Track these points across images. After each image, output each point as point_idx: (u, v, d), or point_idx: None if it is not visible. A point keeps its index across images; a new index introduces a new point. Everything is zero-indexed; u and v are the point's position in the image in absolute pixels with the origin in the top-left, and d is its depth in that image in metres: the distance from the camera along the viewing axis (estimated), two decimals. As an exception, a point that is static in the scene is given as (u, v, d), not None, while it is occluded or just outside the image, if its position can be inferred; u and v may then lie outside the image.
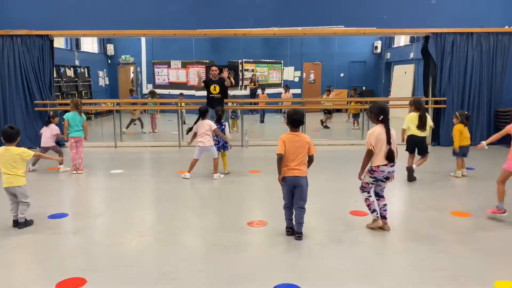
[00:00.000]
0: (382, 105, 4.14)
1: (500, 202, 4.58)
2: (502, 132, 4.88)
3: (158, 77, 17.43)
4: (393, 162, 4.10)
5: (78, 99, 7.23)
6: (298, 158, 3.93)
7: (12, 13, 8.96)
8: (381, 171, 4.08)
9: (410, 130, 6.30)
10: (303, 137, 3.98)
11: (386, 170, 4.10)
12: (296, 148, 3.93)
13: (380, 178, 4.16)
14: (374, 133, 4.06)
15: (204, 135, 6.32)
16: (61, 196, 5.97)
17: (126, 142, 9.73)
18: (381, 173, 4.11)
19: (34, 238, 4.19)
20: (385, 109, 4.10)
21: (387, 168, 4.09)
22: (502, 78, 9.15)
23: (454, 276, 3.36)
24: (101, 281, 3.31)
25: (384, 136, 4.04)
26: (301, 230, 4.07)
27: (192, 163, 6.47)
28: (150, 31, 9.35)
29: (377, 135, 4.04)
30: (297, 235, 4.07)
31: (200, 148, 6.37)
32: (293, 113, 4.04)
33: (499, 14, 9.06)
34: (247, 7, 9.10)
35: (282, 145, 3.94)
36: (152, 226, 4.68)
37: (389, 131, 4.06)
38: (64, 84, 13.92)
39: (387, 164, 4.07)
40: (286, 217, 4.18)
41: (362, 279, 3.34)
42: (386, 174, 4.13)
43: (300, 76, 18.17)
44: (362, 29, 9.15)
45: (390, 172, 4.14)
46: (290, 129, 4.04)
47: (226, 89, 8.34)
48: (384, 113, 4.07)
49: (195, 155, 6.43)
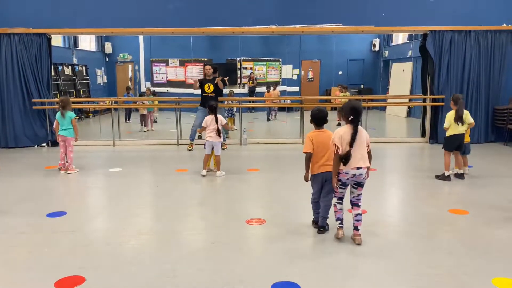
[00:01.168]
0: (354, 105, 3.82)
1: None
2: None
3: (156, 75, 17.41)
4: (360, 166, 3.78)
5: (63, 98, 7.15)
6: (327, 154, 4.02)
7: (9, 11, 8.92)
8: (344, 173, 3.84)
9: (451, 128, 6.18)
10: (329, 134, 4.05)
11: (350, 172, 3.80)
12: (324, 144, 4.03)
13: (344, 181, 3.87)
14: (339, 133, 3.83)
15: (213, 130, 6.45)
16: (60, 194, 5.96)
17: (124, 141, 9.72)
18: (345, 175, 3.84)
19: (32, 236, 4.19)
20: (356, 109, 3.79)
21: (352, 170, 3.80)
22: (500, 76, 9.16)
23: (452, 273, 3.37)
24: (100, 280, 3.31)
25: (349, 137, 3.76)
26: (324, 224, 4.18)
27: (205, 159, 6.57)
28: (148, 29, 9.34)
29: (342, 135, 3.80)
30: (319, 228, 4.16)
31: (208, 142, 6.50)
32: (317, 111, 4.15)
33: (497, 12, 9.07)
34: (245, 5, 9.09)
35: (310, 143, 4.07)
36: (151, 224, 4.68)
37: (355, 133, 3.77)
38: (62, 83, 13.88)
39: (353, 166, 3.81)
40: (313, 211, 4.31)
41: (359, 276, 3.35)
42: (351, 177, 3.82)
43: (298, 74, 18.17)
44: (360, 27, 9.15)
45: (356, 175, 3.81)
46: (315, 127, 4.17)
47: (220, 88, 8.41)
48: (354, 114, 3.77)
49: (206, 151, 6.56)
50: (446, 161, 6.27)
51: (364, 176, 3.87)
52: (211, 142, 6.49)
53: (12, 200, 5.42)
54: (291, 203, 5.21)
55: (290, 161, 7.69)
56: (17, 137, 9.08)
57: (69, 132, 6.77)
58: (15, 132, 9.06)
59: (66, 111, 6.74)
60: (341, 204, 4.02)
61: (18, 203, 5.31)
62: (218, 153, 6.56)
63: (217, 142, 6.49)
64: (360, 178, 3.86)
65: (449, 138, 6.24)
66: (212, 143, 6.51)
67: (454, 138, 6.19)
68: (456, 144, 6.22)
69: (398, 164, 7.97)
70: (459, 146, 6.24)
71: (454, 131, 6.17)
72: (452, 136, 6.20)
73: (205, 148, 6.59)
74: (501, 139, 9.29)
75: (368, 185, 6.02)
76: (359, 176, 3.84)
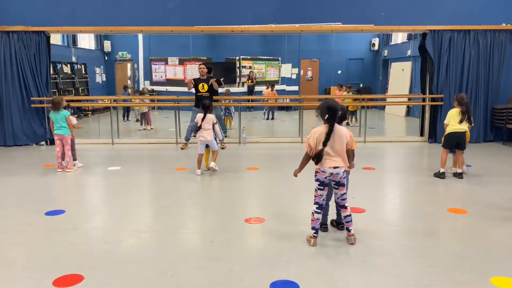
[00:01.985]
0: (330, 104, 3.74)
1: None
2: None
3: (155, 74, 17.40)
4: (337, 166, 3.74)
5: (53, 98, 7.07)
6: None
7: (8, 9, 8.90)
8: (322, 171, 3.78)
9: (450, 126, 6.20)
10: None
11: (327, 171, 3.75)
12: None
13: (322, 180, 3.81)
14: (316, 133, 3.78)
15: (207, 129, 6.43)
16: (58, 192, 5.96)
17: (123, 139, 9.71)
18: (322, 174, 3.79)
19: (31, 235, 4.18)
20: (332, 108, 3.70)
21: (328, 169, 3.75)
22: (499, 75, 9.17)
23: (451, 273, 3.37)
24: (99, 278, 3.30)
25: (323, 137, 3.71)
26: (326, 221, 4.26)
27: (199, 159, 6.57)
28: (147, 28, 9.32)
29: (318, 136, 3.75)
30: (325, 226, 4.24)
31: (201, 142, 6.49)
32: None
33: (497, 12, 9.07)
34: (245, 4, 9.09)
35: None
36: (149, 223, 4.67)
37: (330, 132, 3.70)
38: (61, 81, 13.86)
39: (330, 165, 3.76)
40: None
41: (358, 275, 3.35)
42: (329, 175, 3.76)
43: (297, 73, 18.16)
44: (359, 26, 9.14)
45: (333, 174, 3.76)
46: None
47: (214, 88, 8.36)
48: (330, 113, 3.69)
49: (199, 150, 6.55)
50: (442, 158, 6.28)
51: (342, 175, 3.80)
52: (204, 141, 6.50)
53: (10, 199, 5.42)
54: (290, 202, 5.20)
55: (289, 160, 7.68)
56: (16, 135, 9.07)
57: (65, 131, 6.74)
58: (13, 131, 9.04)
59: (59, 110, 6.72)
60: (319, 214, 3.89)
61: (16, 201, 5.31)
62: (215, 149, 6.59)
63: (211, 141, 6.49)
64: (337, 177, 3.80)
65: (448, 135, 6.24)
66: (205, 143, 6.52)
67: (452, 135, 6.19)
68: (454, 142, 6.21)
69: (397, 163, 7.97)
70: (458, 144, 6.23)
71: (452, 129, 6.17)
72: (450, 133, 6.20)
73: (198, 148, 6.57)
74: (500, 139, 9.30)
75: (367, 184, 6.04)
76: (336, 175, 3.78)
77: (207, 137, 6.44)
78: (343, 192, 3.91)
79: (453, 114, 6.22)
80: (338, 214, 4.21)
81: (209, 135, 6.46)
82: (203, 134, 6.46)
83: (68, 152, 6.76)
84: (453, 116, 6.20)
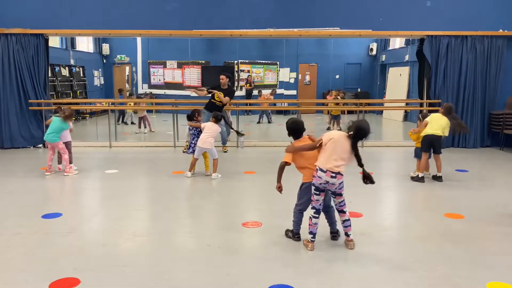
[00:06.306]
0: (363, 126, 3.73)
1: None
2: None
3: (154, 77, 17.42)
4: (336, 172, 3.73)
5: (69, 109, 6.85)
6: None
7: (7, 11, 8.90)
8: (318, 177, 3.77)
9: (427, 129, 6.24)
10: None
11: (324, 178, 3.73)
12: None
13: (317, 185, 3.79)
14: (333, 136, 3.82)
15: (209, 137, 6.45)
16: (55, 195, 5.94)
17: (121, 142, 9.70)
18: (318, 180, 3.77)
19: (27, 238, 4.17)
20: (362, 131, 3.71)
21: (325, 176, 3.72)
22: (496, 81, 9.21)
23: (447, 277, 3.38)
24: (95, 281, 3.29)
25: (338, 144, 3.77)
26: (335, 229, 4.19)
27: (192, 162, 6.58)
28: (145, 31, 9.33)
29: (336, 138, 3.79)
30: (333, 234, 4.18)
31: (200, 148, 6.48)
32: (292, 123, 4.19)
33: (494, 18, 9.12)
34: (243, 8, 9.12)
35: None
36: (146, 226, 4.66)
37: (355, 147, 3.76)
38: (59, 84, 13.85)
39: (327, 171, 3.72)
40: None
41: (355, 280, 3.35)
42: (324, 183, 3.74)
43: (295, 78, 18.21)
44: (357, 31, 9.18)
45: (329, 183, 3.74)
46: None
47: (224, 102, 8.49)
48: (359, 134, 3.72)
49: (195, 155, 6.55)
50: (421, 163, 6.32)
51: (338, 186, 3.81)
52: (202, 148, 6.47)
53: (7, 201, 5.40)
54: (288, 206, 5.19)
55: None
56: (13, 137, 9.04)
57: (53, 137, 6.60)
58: (11, 133, 9.02)
59: (66, 122, 6.68)
60: (317, 218, 3.91)
61: (13, 204, 5.29)
62: (216, 157, 6.55)
63: (210, 149, 6.49)
64: (333, 187, 3.79)
65: (424, 137, 6.30)
66: (203, 150, 6.51)
67: (428, 138, 6.25)
68: (427, 144, 6.26)
69: (394, 168, 7.99)
70: (434, 147, 6.28)
71: (428, 132, 6.23)
72: (426, 135, 6.27)
73: (196, 152, 6.55)
74: (497, 144, 9.33)
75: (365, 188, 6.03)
76: (332, 185, 3.77)
77: (207, 145, 6.46)
78: (342, 199, 3.92)
79: (435, 118, 6.28)
80: (330, 224, 4.17)
81: (210, 144, 6.46)
82: (205, 141, 6.46)
83: (65, 155, 6.70)
84: (435, 119, 6.26)
